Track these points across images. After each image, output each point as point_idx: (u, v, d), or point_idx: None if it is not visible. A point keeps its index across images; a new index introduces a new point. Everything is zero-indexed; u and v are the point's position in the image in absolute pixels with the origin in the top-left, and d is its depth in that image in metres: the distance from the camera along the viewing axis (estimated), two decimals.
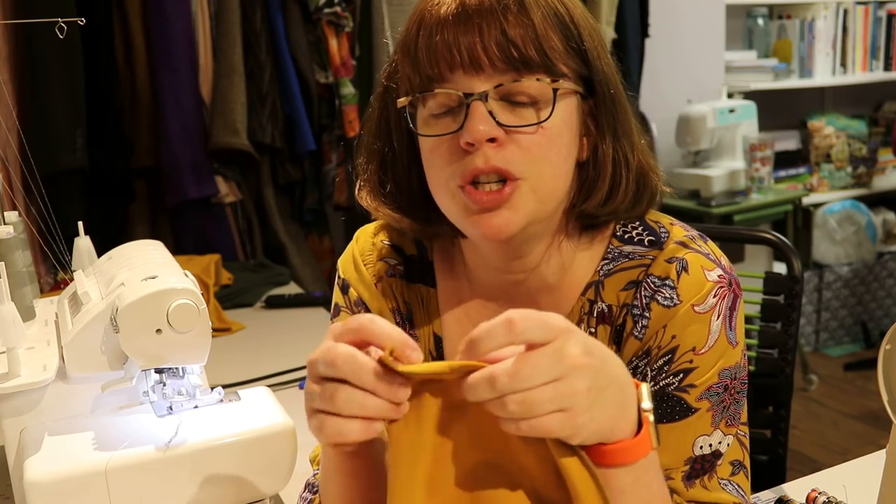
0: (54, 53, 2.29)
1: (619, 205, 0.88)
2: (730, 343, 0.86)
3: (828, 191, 3.97)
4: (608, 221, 0.91)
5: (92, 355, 0.96)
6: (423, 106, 0.84)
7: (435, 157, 0.84)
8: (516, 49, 0.79)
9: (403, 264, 1.00)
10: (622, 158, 0.87)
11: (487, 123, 0.79)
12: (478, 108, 0.79)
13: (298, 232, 2.90)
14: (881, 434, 3.09)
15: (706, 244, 0.89)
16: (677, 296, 0.85)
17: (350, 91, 2.81)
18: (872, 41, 3.97)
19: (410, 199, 0.92)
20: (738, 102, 3.44)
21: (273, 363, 1.73)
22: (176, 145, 2.56)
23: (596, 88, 0.85)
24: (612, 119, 0.86)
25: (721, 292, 0.86)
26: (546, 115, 0.80)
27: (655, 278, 0.87)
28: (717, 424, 0.85)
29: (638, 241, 0.90)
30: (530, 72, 0.80)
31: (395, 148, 0.91)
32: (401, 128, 0.89)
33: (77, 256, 1.12)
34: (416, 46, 0.83)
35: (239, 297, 2.22)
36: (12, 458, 0.97)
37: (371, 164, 0.93)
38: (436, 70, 0.81)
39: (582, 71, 0.84)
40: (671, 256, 0.87)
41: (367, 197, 0.94)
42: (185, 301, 0.92)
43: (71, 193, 2.38)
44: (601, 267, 0.90)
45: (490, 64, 0.79)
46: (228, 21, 2.57)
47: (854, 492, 1.11)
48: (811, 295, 3.81)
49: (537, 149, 0.81)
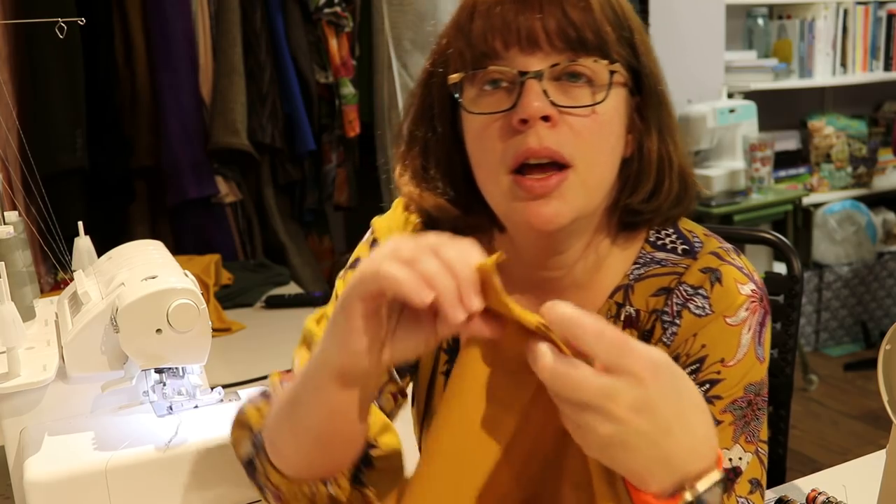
0: (54, 53, 2.29)
1: (663, 203, 0.87)
2: (757, 358, 0.85)
3: (828, 191, 3.97)
4: (648, 221, 0.89)
5: (92, 355, 0.96)
6: (472, 86, 0.82)
7: (484, 136, 0.81)
8: (575, 30, 0.77)
9: None
10: (666, 156, 0.86)
11: (542, 101, 0.77)
12: (532, 86, 0.77)
13: (298, 232, 2.90)
14: (881, 434, 3.09)
15: (739, 258, 0.88)
16: (710, 306, 0.85)
17: (350, 91, 2.81)
18: (872, 41, 3.96)
19: (453, 185, 0.89)
20: (738, 102, 3.44)
21: (273, 363, 1.72)
22: (176, 145, 2.56)
23: (644, 82, 0.84)
24: (657, 116, 0.85)
25: (753, 307, 0.85)
26: (601, 97, 0.79)
27: (688, 287, 0.86)
28: (737, 439, 0.84)
29: (671, 249, 0.89)
30: (587, 53, 0.78)
31: (438, 132, 0.88)
32: (444, 111, 0.87)
33: (77, 256, 1.12)
34: (470, 22, 0.81)
35: (239, 297, 2.22)
36: (12, 458, 0.97)
37: (413, 150, 0.91)
38: (491, 46, 0.79)
39: (632, 63, 0.83)
40: (705, 267, 0.86)
41: (410, 183, 0.91)
42: (185, 301, 0.92)
43: (71, 193, 2.38)
44: (632, 271, 0.89)
45: (548, 42, 0.78)
46: (228, 21, 2.58)
47: (854, 492, 1.11)
48: (811, 295, 3.80)
49: (589, 133, 0.79)
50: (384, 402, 0.93)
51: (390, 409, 0.93)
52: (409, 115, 0.92)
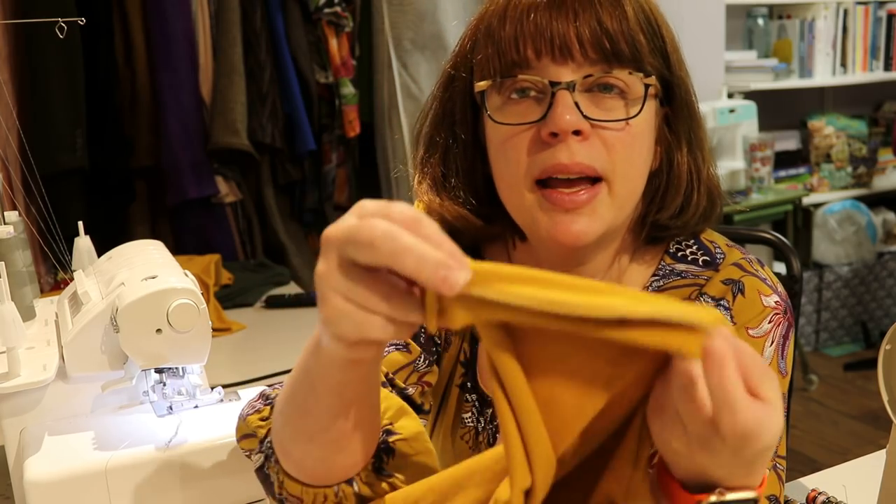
0: (54, 53, 2.29)
1: (691, 218, 0.84)
2: (780, 371, 0.84)
3: (828, 191, 3.97)
4: (675, 236, 0.87)
5: (92, 355, 0.96)
6: (498, 94, 0.79)
7: (509, 147, 0.78)
8: (609, 40, 0.75)
9: None
10: (695, 170, 0.84)
11: (574, 114, 0.74)
12: (564, 97, 0.75)
13: (298, 232, 2.90)
14: (881, 434, 3.08)
15: (763, 269, 0.86)
16: (732, 318, 0.83)
17: (350, 91, 2.81)
18: (872, 41, 3.96)
19: (474, 194, 0.86)
20: (738, 102, 3.44)
21: (273, 363, 1.73)
22: (176, 145, 2.56)
23: (675, 94, 0.82)
24: (687, 128, 0.83)
25: (776, 319, 0.83)
26: (636, 111, 0.76)
27: (710, 298, 0.84)
28: None
29: (692, 261, 0.87)
30: (621, 65, 0.76)
31: (459, 139, 0.85)
32: (466, 117, 0.84)
33: (77, 256, 1.12)
34: (502, 28, 0.78)
35: (239, 297, 2.22)
36: (12, 457, 0.97)
37: (433, 157, 0.87)
38: (522, 55, 0.76)
39: (664, 74, 0.80)
40: (727, 278, 0.84)
41: (429, 192, 0.87)
42: (185, 301, 0.92)
43: (71, 193, 2.38)
44: (651, 283, 0.87)
45: (581, 52, 0.75)
46: (228, 21, 2.58)
47: (854, 492, 1.11)
48: (811, 295, 3.80)
49: (622, 147, 0.76)
50: (413, 393, 0.86)
51: (420, 402, 0.87)
52: (427, 119, 0.89)
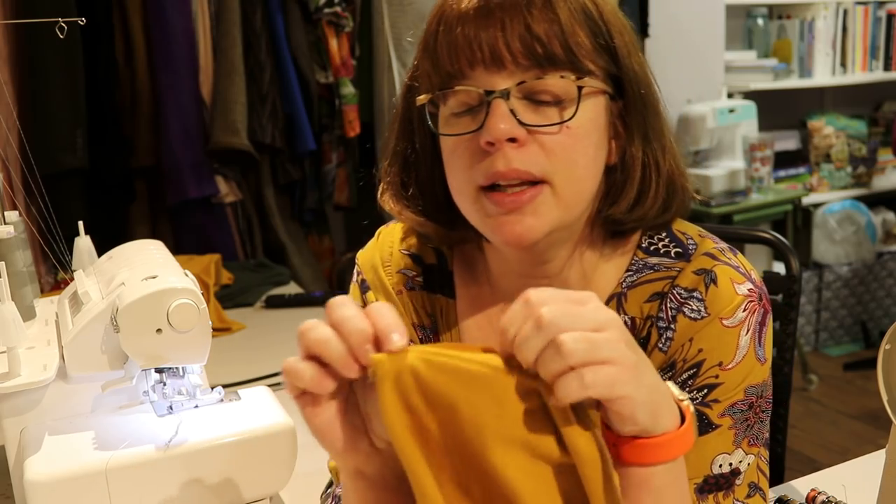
0: (54, 53, 2.29)
1: (648, 211, 0.84)
2: (758, 360, 0.83)
3: (828, 191, 3.97)
4: (635, 229, 0.87)
5: (92, 355, 0.96)
6: (444, 105, 0.80)
7: (455, 158, 0.80)
8: (540, 45, 0.75)
9: (422, 274, 0.96)
10: (652, 162, 0.84)
11: (509, 122, 0.75)
12: (499, 106, 0.76)
13: (298, 232, 2.90)
14: (881, 434, 3.09)
15: (736, 257, 0.86)
16: (705, 308, 0.82)
17: (350, 91, 2.81)
18: (872, 41, 3.96)
19: (434, 203, 0.88)
20: (738, 102, 3.44)
21: (273, 363, 1.73)
22: (176, 145, 2.57)
23: (625, 88, 0.81)
24: (641, 120, 0.83)
25: (751, 307, 0.83)
26: (570, 114, 0.77)
27: (682, 290, 0.83)
28: (739, 443, 0.82)
29: (664, 253, 0.87)
30: (555, 69, 0.76)
31: (417, 149, 0.87)
32: (423, 128, 0.85)
33: (77, 256, 1.12)
34: (435, 42, 0.79)
35: (239, 297, 2.22)
36: (12, 457, 0.97)
37: (394, 167, 0.90)
38: (456, 66, 0.77)
39: (611, 69, 0.80)
40: (699, 268, 0.84)
41: (391, 200, 0.90)
42: (185, 301, 0.92)
43: (71, 193, 2.38)
44: (624, 279, 0.87)
45: (512, 60, 0.76)
46: (228, 21, 2.58)
47: (854, 492, 1.11)
48: (811, 295, 3.80)
49: (562, 150, 0.77)
50: None
51: None
52: (392, 127, 0.91)
